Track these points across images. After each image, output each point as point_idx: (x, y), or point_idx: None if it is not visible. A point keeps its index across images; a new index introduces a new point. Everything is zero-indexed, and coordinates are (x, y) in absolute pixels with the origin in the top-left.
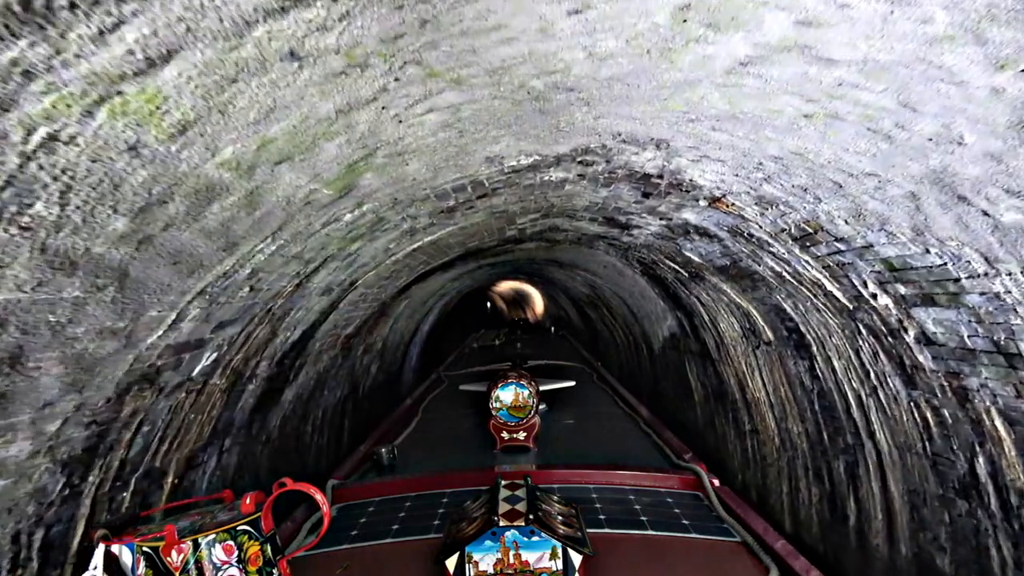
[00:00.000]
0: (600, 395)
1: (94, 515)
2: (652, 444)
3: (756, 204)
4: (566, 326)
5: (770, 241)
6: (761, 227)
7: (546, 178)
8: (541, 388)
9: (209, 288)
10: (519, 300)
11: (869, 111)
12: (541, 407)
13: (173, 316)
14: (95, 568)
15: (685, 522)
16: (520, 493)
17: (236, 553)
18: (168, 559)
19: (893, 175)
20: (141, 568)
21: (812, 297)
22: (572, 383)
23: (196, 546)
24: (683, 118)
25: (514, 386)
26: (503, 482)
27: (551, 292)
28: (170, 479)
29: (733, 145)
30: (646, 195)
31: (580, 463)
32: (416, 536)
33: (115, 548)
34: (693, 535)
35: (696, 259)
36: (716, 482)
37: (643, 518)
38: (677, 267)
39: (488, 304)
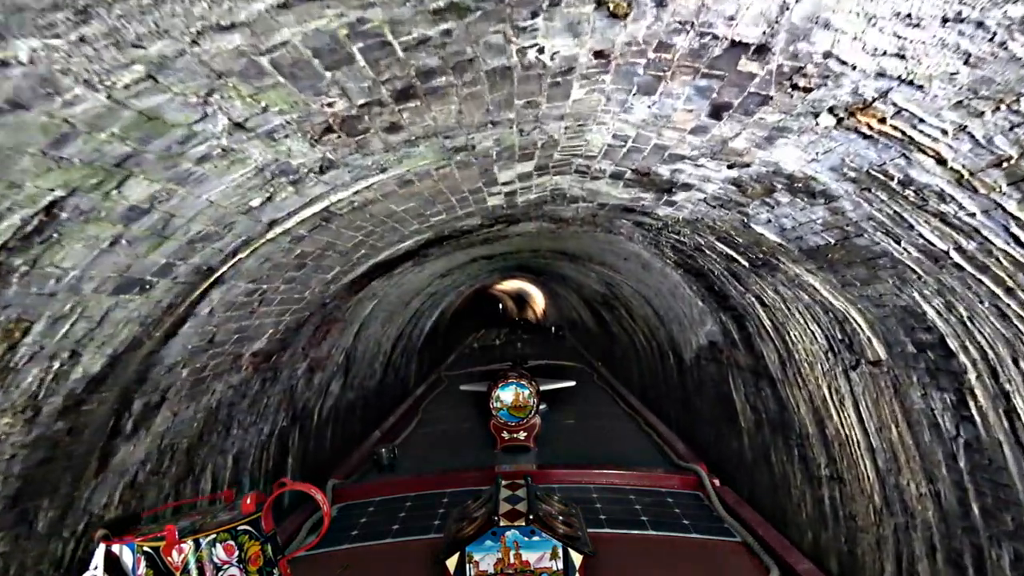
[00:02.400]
0: (600, 395)
1: None
2: (652, 444)
3: (955, 107)
4: (575, 328)
5: (948, 191)
6: (945, 160)
7: (530, 53)
8: (541, 388)
9: None
10: (525, 300)
11: None
12: (541, 407)
13: None
14: (95, 568)
15: (686, 522)
16: (520, 493)
17: (237, 553)
18: (169, 559)
19: None
20: (142, 568)
21: (999, 294)
22: (572, 383)
23: (197, 546)
24: None
25: (514, 386)
26: (503, 482)
27: (559, 292)
28: None
29: None
30: (718, 111)
31: (580, 463)
32: (416, 536)
33: (115, 548)
34: (693, 535)
35: (772, 237)
36: (716, 482)
37: (643, 518)
38: (734, 252)
39: (500, 306)
